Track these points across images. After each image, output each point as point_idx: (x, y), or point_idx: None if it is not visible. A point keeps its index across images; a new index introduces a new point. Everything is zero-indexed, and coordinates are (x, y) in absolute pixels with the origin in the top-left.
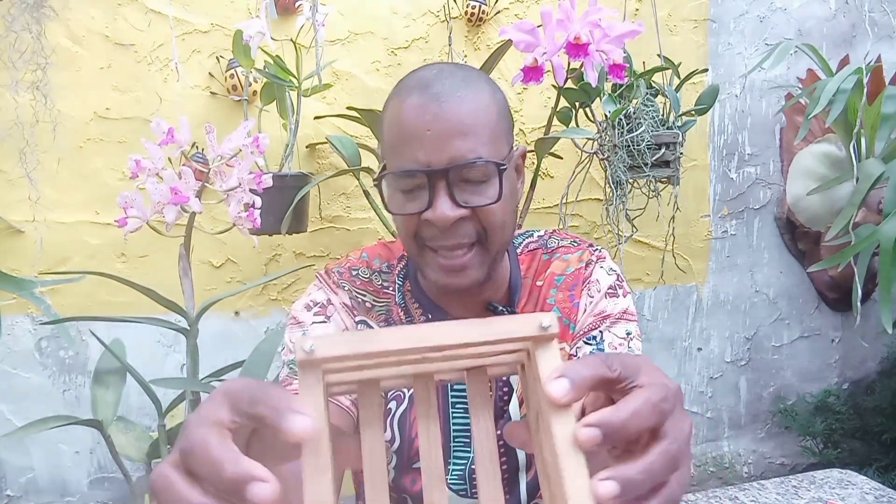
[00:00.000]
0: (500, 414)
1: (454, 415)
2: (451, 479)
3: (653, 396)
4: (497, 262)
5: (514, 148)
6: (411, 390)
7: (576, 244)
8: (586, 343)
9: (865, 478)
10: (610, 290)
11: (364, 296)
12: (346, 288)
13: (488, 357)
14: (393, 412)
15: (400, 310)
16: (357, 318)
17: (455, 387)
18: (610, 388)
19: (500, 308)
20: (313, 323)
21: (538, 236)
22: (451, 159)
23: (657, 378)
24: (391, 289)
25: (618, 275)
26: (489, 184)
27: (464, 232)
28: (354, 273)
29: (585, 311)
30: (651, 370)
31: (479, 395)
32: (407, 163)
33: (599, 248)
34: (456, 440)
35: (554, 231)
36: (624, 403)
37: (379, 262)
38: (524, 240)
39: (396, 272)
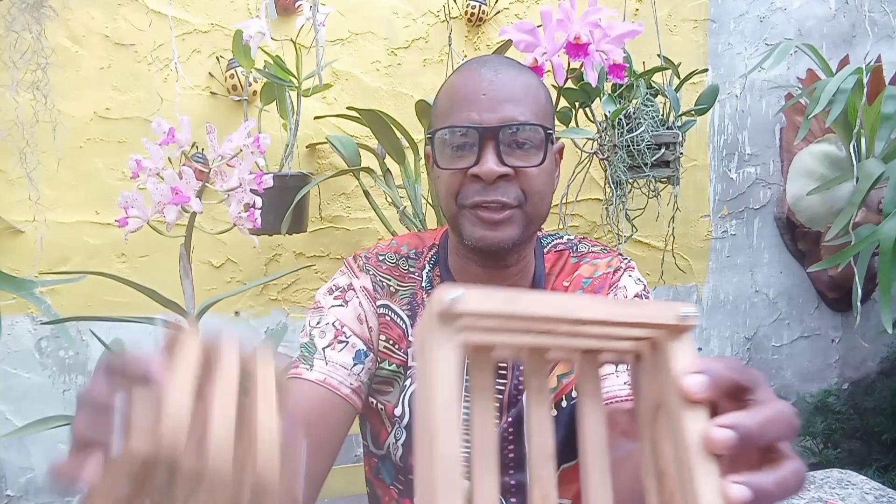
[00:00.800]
0: (514, 402)
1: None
2: None
3: (786, 409)
4: (532, 235)
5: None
6: None
7: (606, 251)
8: None
9: (865, 478)
10: (636, 298)
11: (388, 280)
12: (370, 272)
13: (608, 341)
14: (407, 389)
15: (425, 294)
16: (379, 303)
17: None
18: (734, 397)
19: None
20: (332, 306)
21: (567, 239)
22: (503, 120)
23: (776, 399)
24: (417, 274)
25: (644, 285)
26: (534, 150)
27: (505, 191)
28: (381, 258)
29: None
30: (770, 390)
31: (588, 382)
32: (461, 122)
33: (629, 258)
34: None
35: (584, 237)
36: (759, 409)
37: (407, 248)
38: (553, 240)
39: (426, 259)
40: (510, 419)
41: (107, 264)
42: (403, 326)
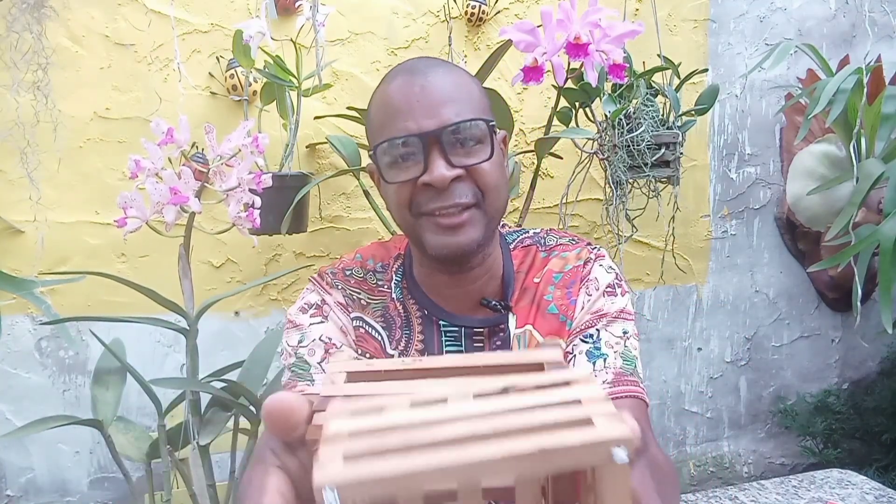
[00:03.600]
0: None
1: None
2: None
3: None
4: (493, 233)
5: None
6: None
7: (574, 242)
8: (583, 341)
9: (865, 478)
10: (608, 289)
11: (359, 293)
12: (339, 287)
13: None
14: None
15: (398, 304)
16: (353, 315)
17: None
18: None
19: (494, 303)
20: (311, 324)
21: (533, 233)
22: (443, 122)
23: None
24: (386, 287)
25: (616, 273)
26: (481, 146)
27: (461, 192)
28: (348, 273)
29: (583, 308)
30: None
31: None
32: (400, 132)
33: (598, 246)
34: None
35: (551, 229)
36: None
37: (373, 262)
38: (518, 236)
39: (393, 270)
40: None
41: (107, 264)
42: (379, 339)
